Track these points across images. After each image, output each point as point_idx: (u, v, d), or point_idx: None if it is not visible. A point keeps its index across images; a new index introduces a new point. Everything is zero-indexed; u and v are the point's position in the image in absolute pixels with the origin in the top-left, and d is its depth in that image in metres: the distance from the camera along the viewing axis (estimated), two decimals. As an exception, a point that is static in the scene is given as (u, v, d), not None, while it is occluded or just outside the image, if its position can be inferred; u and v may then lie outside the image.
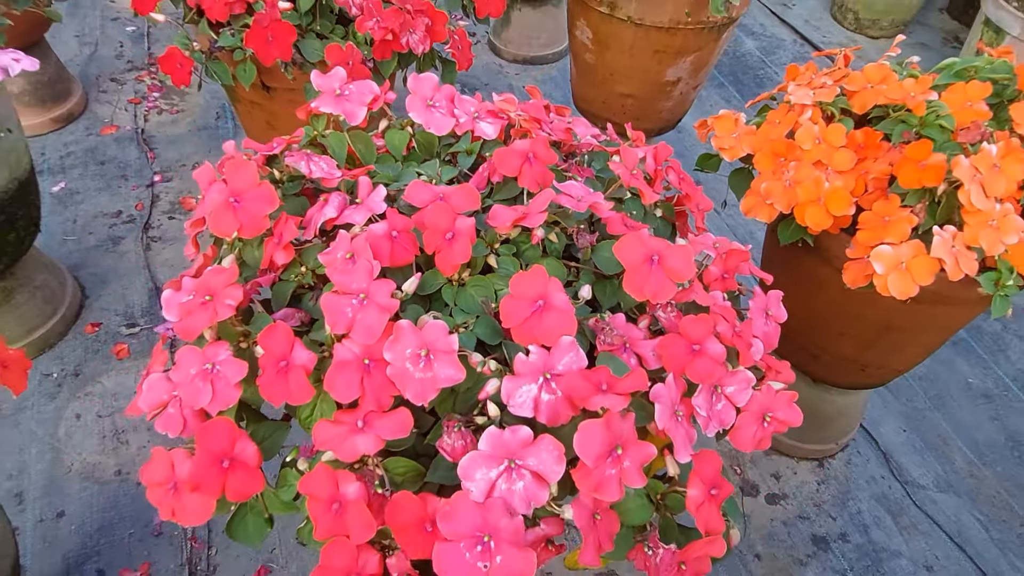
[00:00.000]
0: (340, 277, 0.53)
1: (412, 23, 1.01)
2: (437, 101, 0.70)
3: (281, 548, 1.06)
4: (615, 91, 1.39)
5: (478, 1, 1.15)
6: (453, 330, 0.53)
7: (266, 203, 0.59)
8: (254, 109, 1.18)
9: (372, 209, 0.59)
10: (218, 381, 0.52)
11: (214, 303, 0.54)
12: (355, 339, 0.51)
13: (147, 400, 0.56)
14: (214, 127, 1.74)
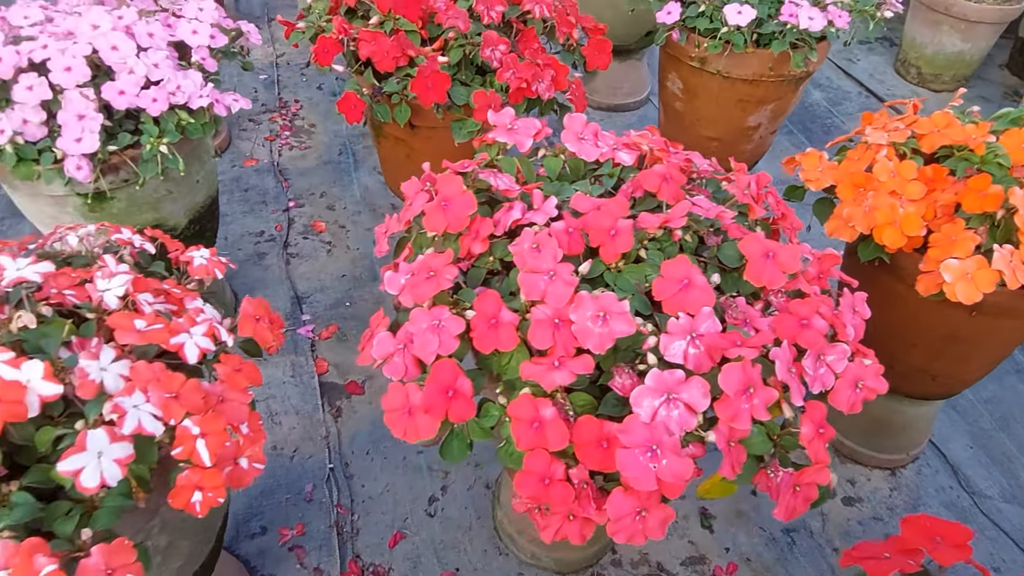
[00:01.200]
0: (531, 261, 0.71)
1: (541, 74, 1.21)
2: (585, 135, 0.88)
3: (412, 518, 1.23)
4: (702, 135, 1.57)
5: (589, 57, 1.35)
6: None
7: (468, 206, 0.78)
8: (397, 144, 1.39)
9: (548, 213, 0.77)
10: (443, 333, 0.70)
11: (437, 278, 0.73)
12: (548, 304, 0.68)
13: (378, 351, 0.75)
14: (337, 161, 1.98)
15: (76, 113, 0.99)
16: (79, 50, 1.01)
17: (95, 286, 0.69)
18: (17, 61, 0.99)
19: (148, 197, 1.14)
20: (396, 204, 1.84)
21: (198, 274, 0.79)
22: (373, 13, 1.24)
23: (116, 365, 0.63)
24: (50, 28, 1.04)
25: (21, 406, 0.58)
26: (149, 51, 1.06)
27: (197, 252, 0.81)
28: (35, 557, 0.53)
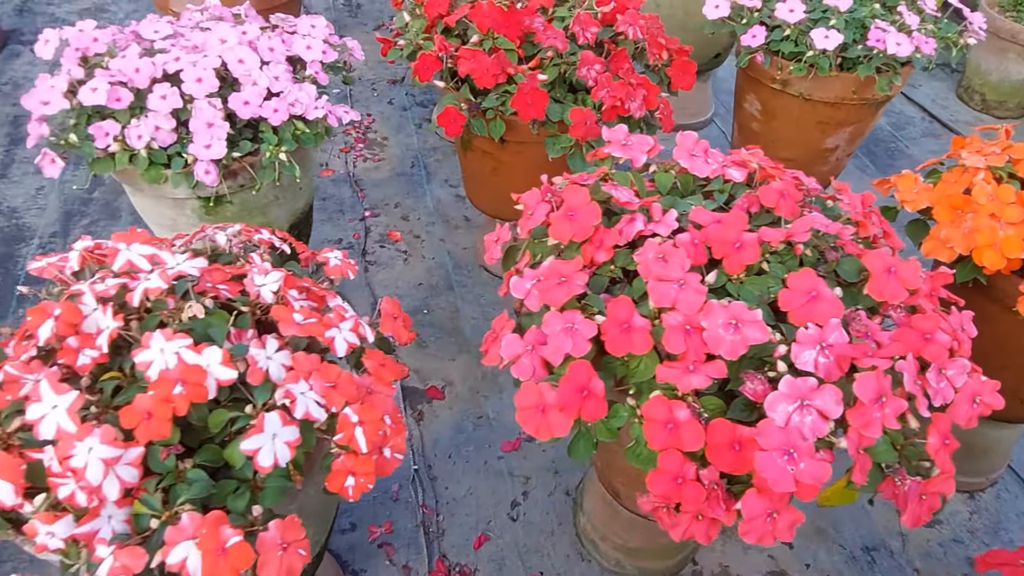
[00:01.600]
0: (659, 270, 0.75)
1: (634, 93, 1.25)
2: (696, 151, 0.92)
3: (495, 521, 1.26)
4: (778, 155, 1.59)
5: (673, 77, 1.39)
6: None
7: (593, 217, 0.81)
8: (484, 157, 1.44)
9: (670, 226, 0.81)
10: (575, 335, 0.73)
11: (569, 283, 0.76)
12: (679, 311, 0.71)
13: (507, 352, 0.78)
14: (410, 173, 2.04)
15: (206, 121, 1.05)
16: (209, 63, 1.07)
17: (252, 282, 0.74)
18: (153, 72, 1.06)
19: (259, 202, 1.20)
20: (469, 216, 1.89)
21: (333, 274, 0.84)
22: (472, 32, 1.29)
23: (279, 355, 0.68)
24: (182, 42, 1.10)
25: (202, 388, 0.62)
26: (270, 64, 1.12)
27: (332, 254, 0.86)
28: (221, 528, 0.58)
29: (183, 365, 0.62)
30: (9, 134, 2.09)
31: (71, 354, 0.66)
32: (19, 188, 1.90)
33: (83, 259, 0.78)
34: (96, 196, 1.89)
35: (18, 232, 1.76)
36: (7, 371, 0.63)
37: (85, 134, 1.05)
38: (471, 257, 1.78)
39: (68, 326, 0.68)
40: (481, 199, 1.57)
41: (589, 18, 1.28)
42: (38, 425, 0.60)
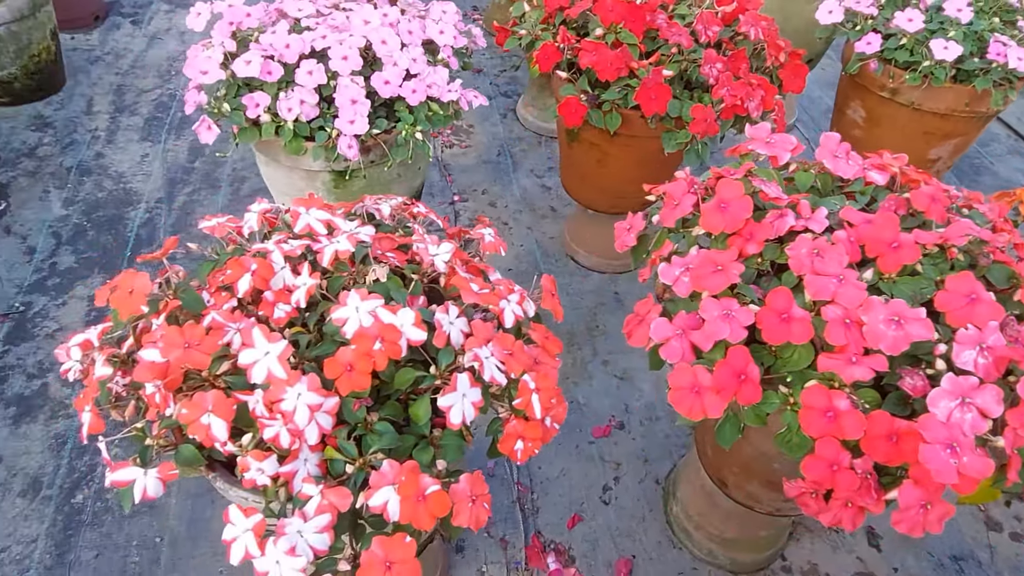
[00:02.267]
0: (817, 264, 0.77)
1: (753, 93, 1.27)
2: (839, 153, 0.94)
3: (588, 503, 1.29)
4: (878, 163, 1.59)
5: (785, 80, 1.40)
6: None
7: (745, 210, 0.84)
8: (591, 149, 1.47)
9: (821, 222, 0.83)
10: (733, 322, 0.76)
11: (725, 272, 0.79)
12: (839, 305, 0.74)
13: (656, 334, 0.81)
14: (496, 162, 2.07)
15: (350, 98, 1.09)
16: (355, 42, 1.11)
17: (426, 251, 0.77)
18: (302, 48, 1.11)
19: (385, 178, 1.24)
20: (555, 206, 1.92)
21: (488, 249, 0.88)
22: (594, 25, 1.31)
23: (459, 321, 0.71)
24: (329, 20, 1.15)
25: (397, 347, 0.66)
26: (409, 47, 1.16)
27: (485, 230, 0.89)
28: (421, 477, 0.61)
29: (380, 323, 0.66)
30: (114, 102, 2.17)
31: (269, 307, 0.71)
32: (125, 154, 1.97)
33: (261, 221, 0.83)
34: (197, 166, 1.96)
35: (126, 196, 1.84)
36: (215, 318, 0.68)
37: (237, 104, 1.10)
38: (558, 246, 1.81)
39: (263, 280, 0.72)
40: (580, 190, 1.60)
41: (712, 17, 1.30)
42: (250, 369, 0.64)
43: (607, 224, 1.68)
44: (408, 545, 0.58)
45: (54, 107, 2.12)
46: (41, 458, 1.28)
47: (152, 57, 2.40)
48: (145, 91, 2.24)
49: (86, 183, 1.86)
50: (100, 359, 0.71)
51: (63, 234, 1.71)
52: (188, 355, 0.64)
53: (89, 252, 1.67)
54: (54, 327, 1.50)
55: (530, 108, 2.21)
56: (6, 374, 1.40)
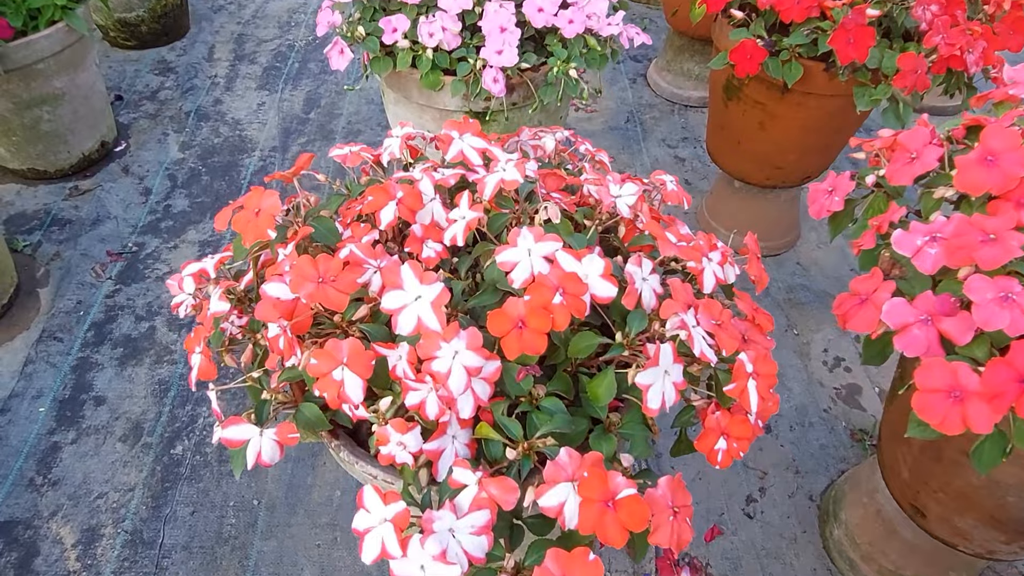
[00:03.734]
0: None
1: (974, 44, 1.04)
2: None
3: (729, 515, 1.11)
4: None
5: (1002, 35, 1.16)
6: None
7: (1021, 165, 0.64)
8: (753, 108, 1.27)
9: None
10: (1014, 309, 0.57)
11: (1001, 243, 0.59)
12: None
13: (893, 319, 0.63)
14: (624, 128, 1.90)
15: (499, 25, 0.95)
16: (507, -40, 0.96)
17: (607, 192, 0.62)
18: (447, -34, 0.97)
19: (523, 121, 1.09)
20: (690, 180, 1.73)
21: (670, 199, 0.71)
22: (779, -42, 1.12)
23: (652, 278, 0.56)
24: (478, -63, 1.01)
25: (581, 303, 0.51)
26: (567, -30, 1.00)
27: (667, 176, 0.73)
28: (610, 475, 0.46)
29: (561, 272, 0.51)
30: (234, 50, 2.13)
31: (416, 244, 0.57)
32: (242, 102, 1.92)
33: (404, 147, 0.70)
34: (312, 117, 1.88)
35: (241, 143, 1.78)
36: (353, 252, 0.55)
37: (373, 27, 0.97)
38: (693, 222, 1.62)
39: (410, 212, 0.59)
40: (731, 157, 1.41)
41: (928, -50, 1.07)
42: (397, 316, 0.51)
43: (755, 198, 1.48)
44: (594, 566, 0.43)
45: (177, 52, 2.09)
46: (144, 403, 1.22)
47: (273, 8, 2.35)
48: (265, 41, 2.18)
49: (203, 128, 1.81)
50: (216, 293, 0.59)
51: (178, 177, 1.66)
52: (322, 291, 0.51)
53: (203, 197, 1.61)
54: (164, 270, 1.44)
55: (664, 73, 2.02)
56: (115, 314, 1.36)
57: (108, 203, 1.58)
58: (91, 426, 1.18)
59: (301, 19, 2.30)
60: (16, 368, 1.26)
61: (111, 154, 1.70)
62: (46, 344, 1.30)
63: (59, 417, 1.19)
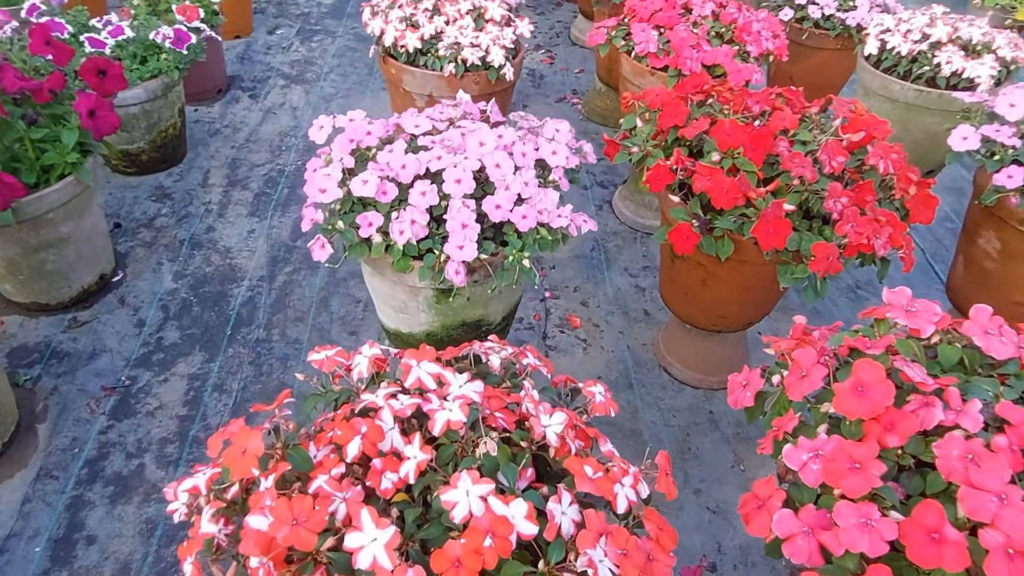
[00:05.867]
0: (973, 475, 0.69)
1: (880, 230, 1.19)
2: (991, 328, 0.85)
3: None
4: (1012, 299, 1.47)
5: (913, 210, 1.32)
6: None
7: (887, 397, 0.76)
8: (696, 268, 1.42)
9: (974, 419, 0.74)
10: (873, 534, 0.68)
11: (865, 472, 0.71)
12: (1000, 530, 0.65)
13: (780, 529, 0.74)
14: (589, 257, 2.05)
15: (461, 222, 1.09)
16: (469, 165, 1.11)
17: (539, 422, 0.74)
18: (417, 168, 1.12)
19: (484, 296, 1.22)
20: (649, 310, 1.87)
21: (597, 411, 0.83)
22: (710, 148, 1.28)
23: (571, 509, 0.67)
24: (445, 139, 1.16)
25: (507, 543, 0.62)
26: (522, 170, 1.15)
27: (595, 388, 0.85)
28: None
29: (492, 515, 0.63)
30: (227, 175, 2.28)
31: (376, 476, 0.69)
32: (233, 229, 2.06)
33: (371, 367, 0.82)
34: (299, 245, 2.02)
35: (231, 272, 1.90)
36: (323, 487, 0.66)
37: (351, 220, 1.11)
38: (650, 355, 1.75)
39: (372, 445, 0.70)
40: (680, 305, 1.54)
41: (838, 146, 1.24)
42: (357, 554, 0.61)
43: (705, 339, 1.61)
44: None
45: (174, 178, 2.24)
46: (132, 543, 1.30)
47: (266, 131, 2.52)
48: (257, 165, 2.34)
49: (196, 257, 1.94)
50: (207, 513, 0.70)
51: (171, 308, 1.78)
52: (295, 533, 0.62)
53: (192, 328, 1.73)
54: (155, 404, 1.54)
55: (627, 202, 2.19)
56: (108, 450, 1.45)
57: (104, 335, 1.69)
58: (83, 567, 1.26)
59: (292, 143, 2.47)
60: (15, 507, 1.34)
61: (108, 284, 1.82)
62: (43, 482, 1.38)
63: (53, 557, 1.27)
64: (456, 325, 1.26)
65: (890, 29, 1.89)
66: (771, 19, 1.91)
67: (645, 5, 1.89)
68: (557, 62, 3.16)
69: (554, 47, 3.30)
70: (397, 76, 1.71)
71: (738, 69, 1.74)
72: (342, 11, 3.49)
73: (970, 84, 1.77)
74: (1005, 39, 1.82)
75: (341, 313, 1.80)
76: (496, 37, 1.65)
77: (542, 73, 3.07)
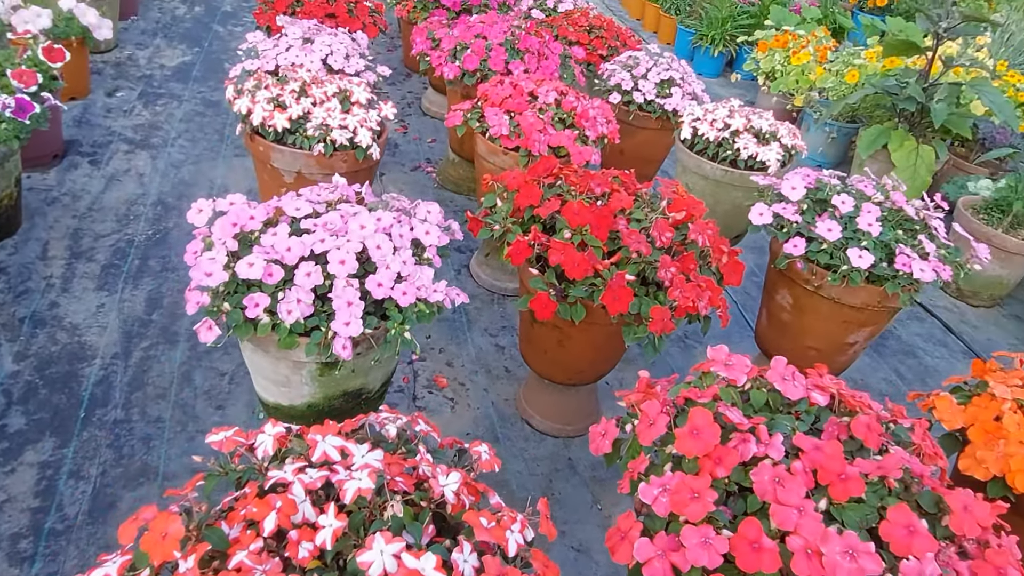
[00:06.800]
0: (779, 494, 0.88)
1: (702, 294, 1.43)
2: (787, 375, 1.08)
3: None
4: (804, 344, 1.78)
5: (726, 274, 1.58)
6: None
7: (715, 437, 0.94)
8: (552, 331, 1.59)
9: (779, 449, 0.95)
10: (711, 550, 0.85)
11: (702, 500, 0.88)
12: (800, 535, 0.84)
13: (639, 554, 0.89)
14: (451, 319, 2.17)
15: (347, 300, 1.17)
16: (352, 247, 1.21)
17: (437, 482, 0.84)
18: (302, 251, 1.19)
19: (366, 367, 1.31)
20: (509, 368, 2.02)
21: (484, 467, 0.95)
22: (562, 226, 1.47)
23: (471, 557, 0.78)
24: (326, 223, 1.25)
25: (420, 593, 0.71)
26: (400, 250, 1.26)
27: (481, 447, 0.97)
28: None
29: (405, 570, 0.72)
30: (69, 247, 2.17)
31: (294, 547, 0.75)
32: (80, 304, 1.96)
33: (276, 444, 0.88)
34: (154, 319, 1.97)
35: (80, 350, 1.82)
36: (244, 562, 0.71)
37: (237, 301, 1.16)
38: (513, 409, 1.89)
39: (286, 518, 0.77)
40: (539, 363, 1.71)
41: (666, 224, 1.47)
42: (283, 621, 0.68)
43: (562, 392, 1.78)
44: None
45: (8, 251, 2.10)
46: (-21, 653, 1.21)
47: (110, 199, 2.43)
48: (103, 236, 2.25)
49: (39, 336, 1.83)
50: (121, 602, 0.72)
51: (14, 392, 1.67)
52: (222, 607, 0.67)
53: (40, 413, 1.63)
54: (2, 497, 1.44)
55: (484, 266, 2.35)
56: (-56, 554, 1.33)
57: (-67, 427, 1.55)
58: None
59: (140, 211, 2.40)
60: None
61: (-64, 370, 1.67)
62: None
63: None
64: (338, 395, 1.33)
65: (699, 118, 2.24)
66: (604, 106, 2.19)
67: (496, 91, 2.10)
68: (411, 131, 3.32)
69: (407, 117, 3.46)
70: (265, 154, 1.77)
71: (579, 151, 1.97)
72: (187, 75, 3.44)
73: (763, 166, 2.14)
74: (787, 129, 2.21)
75: (206, 387, 1.78)
76: (363, 119, 1.76)
77: (396, 142, 3.21)
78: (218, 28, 4.12)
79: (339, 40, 2.32)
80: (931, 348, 2.50)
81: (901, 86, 2.98)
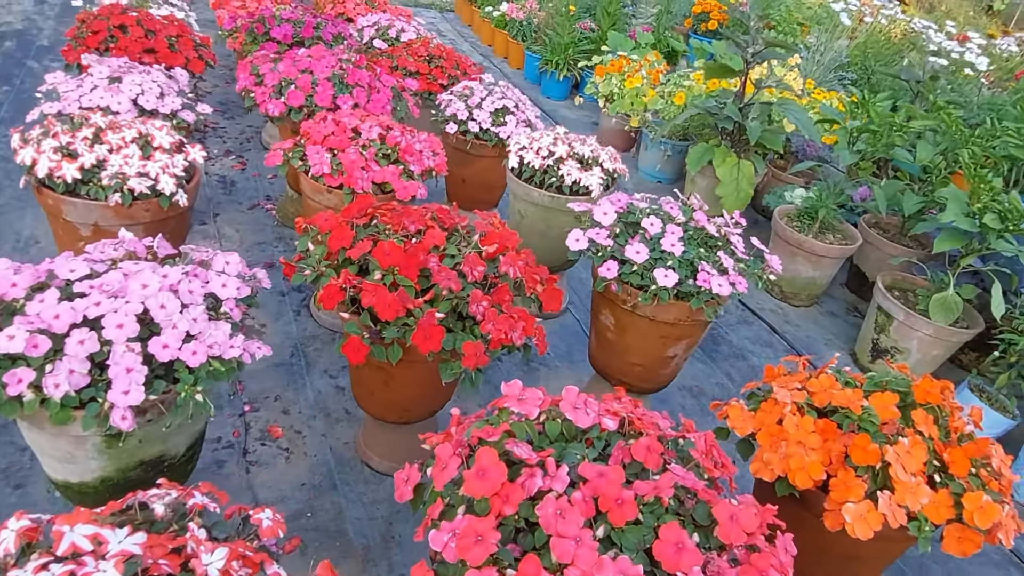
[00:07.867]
0: (559, 526, 0.90)
1: (515, 325, 1.46)
2: (578, 404, 1.11)
3: None
4: (629, 360, 1.86)
5: (545, 302, 1.63)
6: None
7: (501, 475, 0.96)
8: (377, 371, 1.57)
9: (563, 481, 0.97)
10: (493, 592, 0.86)
11: (485, 542, 0.89)
12: (577, 566, 0.87)
13: (430, 605, 0.88)
14: (289, 363, 2.10)
15: (125, 367, 1.10)
16: (131, 308, 1.14)
17: (200, 561, 0.80)
18: (73, 317, 1.11)
19: (160, 434, 1.23)
20: (349, 409, 1.98)
21: (267, 535, 0.91)
22: (373, 267, 1.45)
23: (233, 639, 0.74)
24: (104, 284, 1.17)
25: None
26: (190, 308, 1.20)
27: (263, 514, 0.93)
28: None
29: (147, 666, 0.67)
30: None
31: (22, 659, 0.69)
32: None
33: (19, 541, 0.80)
34: (-57, 392, 1.77)
35: None
36: None
37: (-4, 380, 1.06)
38: (353, 452, 1.85)
39: (17, 626, 0.70)
40: (370, 404, 1.68)
41: (477, 259, 1.49)
42: None
43: (395, 431, 1.76)
44: None
45: None
46: None
47: None
48: None
49: None
50: None
51: None
52: None
53: None
54: None
55: (324, 305, 2.29)
56: None
57: None
58: None
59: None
60: None
61: None
62: None
63: None
64: (134, 466, 1.24)
65: (525, 146, 2.30)
66: (432, 139, 2.21)
67: (318, 129, 2.07)
68: (249, 168, 3.21)
69: (246, 152, 3.34)
70: (56, 207, 1.64)
71: (404, 186, 1.97)
72: (-8, 117, 3.16)
73: (587, 190, 2.23)
74: (607, 154, 2.32)
75: (3, 465, 1.62)
76: (166, 165, 1.68)
77: (233, 179, 3.09)
78: (32, 64, 3.82)
79: (151, 78, 2.21)
80: (758, 350, 2.68)
81: (720, 106, 3.21)
